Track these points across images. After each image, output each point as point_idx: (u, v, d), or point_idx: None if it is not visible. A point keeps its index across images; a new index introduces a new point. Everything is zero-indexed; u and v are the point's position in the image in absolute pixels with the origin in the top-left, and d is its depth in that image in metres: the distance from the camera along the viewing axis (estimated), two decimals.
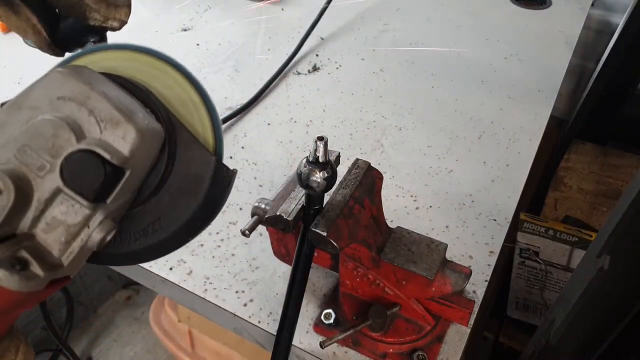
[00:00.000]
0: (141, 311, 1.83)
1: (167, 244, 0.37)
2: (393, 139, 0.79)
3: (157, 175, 0.35)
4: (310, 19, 1.00)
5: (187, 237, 0.37)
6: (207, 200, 0.36)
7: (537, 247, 0.94)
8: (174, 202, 0.36)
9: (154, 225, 0.36)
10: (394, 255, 0.48)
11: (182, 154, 0.36)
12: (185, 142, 0.36)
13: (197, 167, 0.36)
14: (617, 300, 0.42)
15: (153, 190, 0.36)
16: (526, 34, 1.04)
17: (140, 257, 0.38)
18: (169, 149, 0.35)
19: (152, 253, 0.37)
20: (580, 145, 1.21)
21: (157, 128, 0.34)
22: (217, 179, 0.36)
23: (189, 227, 0.36)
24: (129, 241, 0.37)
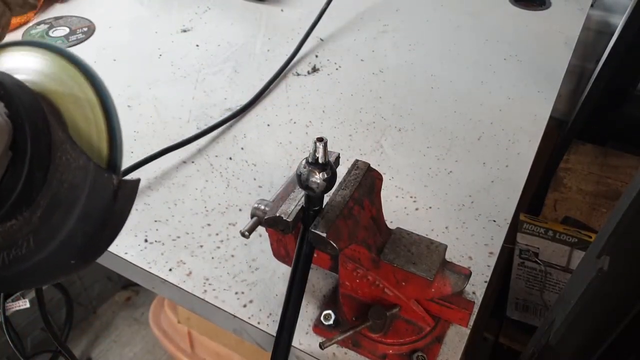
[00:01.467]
0: (141, 312, 1.83)
1: (45, 269, 0.31)
2: (393, 140, 0.79)
3: (16, 181, 0.30)
4: (309, 19, 1.00)
5: (70, 259, 0.31)
6: (87, 215, 0.30)
7: (536, 248, 0.94)
8: (48, 215, 0.30)
9: (27, 244, 0.31)
10: (393, 256, 0.48)
11: (58, 158, 0.30)
12: (60, 144, 0.30)
13: (73, 174, 0.30)
14: (616, 301, 0.42)
15: (22, 201, 0.30)
16: (526, 34, 1.04)
17: (16, 283, 0.32)
18: (35, 151, 0.30)
19: (31, 279, 0.32)
20: (580, 145, 1.21)
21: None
22: (100, 190, 0.30)
23: (68, 246, 0.31)
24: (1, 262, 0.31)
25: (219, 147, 0.78)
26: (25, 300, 1.42)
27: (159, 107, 0.86)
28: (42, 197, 0.30)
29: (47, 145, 0.30)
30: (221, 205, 0.69)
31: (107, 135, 0.32)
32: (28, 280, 0.32)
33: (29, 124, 0.30)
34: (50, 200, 0.30)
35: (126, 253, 0.63)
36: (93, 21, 1.07)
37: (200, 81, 0.92)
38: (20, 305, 1.39)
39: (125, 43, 1.02)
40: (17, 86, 0.31)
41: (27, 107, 0.30)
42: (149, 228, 0.66)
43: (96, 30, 1.05)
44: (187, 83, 0.91)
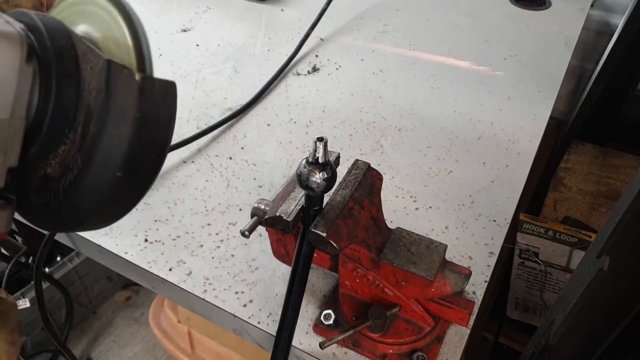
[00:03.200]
0: (141, 312, 1.83)
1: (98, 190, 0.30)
2: (393, 140, 0.79)
3: (48, 98, 0.30)
4: (309, 19, 1.00)
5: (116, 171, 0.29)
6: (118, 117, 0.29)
7: (536, 248, 0.94)
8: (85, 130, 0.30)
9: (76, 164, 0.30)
10: (393, 256, 0.48)
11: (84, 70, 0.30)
12: (84, 55, 0.30)
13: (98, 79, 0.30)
14: (616, 301, 0.42)
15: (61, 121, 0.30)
16: (526, 34, 1.04)
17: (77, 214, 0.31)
18: (59, 65, 0.30)
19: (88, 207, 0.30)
20: (580, 145, 1.21)
21: (5, 30, 0.29)
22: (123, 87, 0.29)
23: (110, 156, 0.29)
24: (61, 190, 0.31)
25: (219, 147, 0.78)
26: (26, 300, 1.42)
27: None
28: (79, 113, 0.30)
29: (72, 59, 0.30)
30: (221, 205, 0.69)
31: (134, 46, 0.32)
32: (87, 209, 0.31)
33: (51, 39, 0.30)
34: (86, 113, 0.30)
35: (126, 252, 0.63)
36: None
37: (201, 81, 0.92)
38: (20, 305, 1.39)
39: None
40: (39, 15, 0.31)
41: (50, 26, 0.30)
42: (149, 228, 0.66)
43: None
44: (187, 83, 0.91)
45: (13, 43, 0.29)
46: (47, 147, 0.31)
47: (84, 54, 0.30)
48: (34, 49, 0.30)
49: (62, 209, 0.31)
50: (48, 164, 0.31)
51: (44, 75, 0.30)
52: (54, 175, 0.31)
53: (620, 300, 0.42)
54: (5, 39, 0.29)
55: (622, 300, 0.41)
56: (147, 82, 0.29)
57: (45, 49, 0.30)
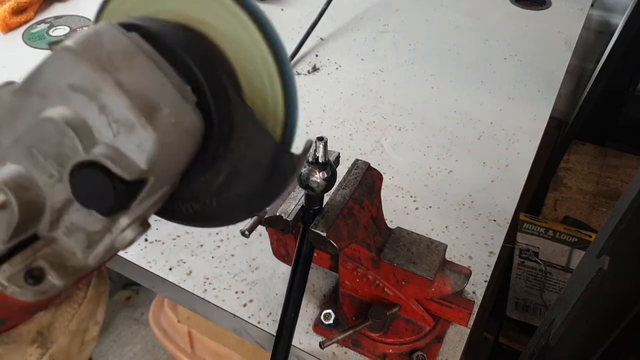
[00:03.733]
0: (141, 312, 1.83)
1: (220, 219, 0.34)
2: (393, 140, 0.79)
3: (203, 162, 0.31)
4: (310, 19, 1.00)
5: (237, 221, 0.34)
6: (266, 189, 0.31)
7: (536, 248, 0.94)
8: (228, 184, 0.32)
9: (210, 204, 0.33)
10: (393, 256, 0.48)
11: (239, 132, 0.30)
12: (243, 120, 0.30)
13: (255, 152, 0.30)
14: (616, 301, 0.42)
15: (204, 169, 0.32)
16: (526, 34, 1.04)
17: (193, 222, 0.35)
18: (219, 132, 0.30)
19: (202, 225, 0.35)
20: (580, 145, 1.21)
21: (189, 124, 0.28)
22: (280, 169, 0.30)
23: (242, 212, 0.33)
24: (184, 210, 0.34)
25: None
26: None
27: None
28: (223, 165, 0.31)
29: (229, 124, 0.30)
30: None
31: (284, 111, 0.31)
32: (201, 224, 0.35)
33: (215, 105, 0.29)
34: (232, 170, 0.31)
35: (126, 252, 0.63)
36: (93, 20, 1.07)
37: None
38: None
39: None
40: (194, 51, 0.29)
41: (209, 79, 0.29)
42: None
43: None
44: None
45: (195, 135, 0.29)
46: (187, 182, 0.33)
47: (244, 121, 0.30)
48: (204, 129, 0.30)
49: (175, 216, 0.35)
50: None
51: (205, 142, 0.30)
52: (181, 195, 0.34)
53: (620, 300, 0.42)
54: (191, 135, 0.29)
55: (622, 300, 0.41)
56: (300, 162, 0.31)
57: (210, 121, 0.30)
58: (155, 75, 0.27)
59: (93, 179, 0.26)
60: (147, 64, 0.27)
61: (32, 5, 1.06)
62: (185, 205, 0.34)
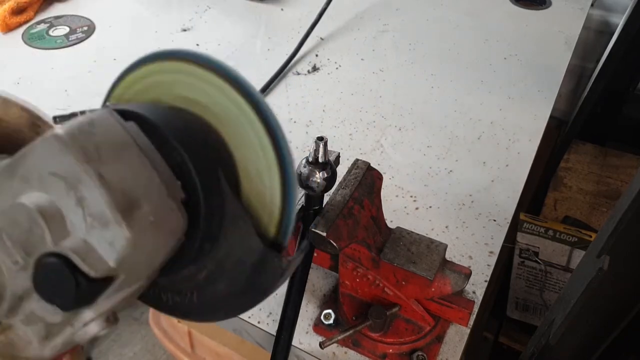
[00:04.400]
0: (140, 311, 1.83)
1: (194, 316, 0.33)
2: (393, 139, 0.79)
3: (187, 255, 0.30)
4: (310, 19, 1.00)
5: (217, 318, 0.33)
6: (249, 289, 0.30)
7: (536, 248, 0.94)
8: (212, 280, 0.31)
9: (191, 296, 0.32)
10: (393, 256, 0.48)
11: (228, 230, 0.29)
12: (234, 219, 0.29)
13: (242, 251, 0.29)
14: (616, 301, 0.42)
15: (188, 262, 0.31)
16: (526, 34, 1.04)
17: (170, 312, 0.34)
18: (207, 228, 0.29)
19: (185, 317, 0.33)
20: (580, 145, 1.21)
21: (168, 224, 0.27)
22: (267, 271, 0.30)
23: (223, 308, 0.32)
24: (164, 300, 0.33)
25: None
26: None
27: None
28: (208, 261, 0.30)
29: (219, 221, 0.29)
30: None
31: (280, 210, 0.30)
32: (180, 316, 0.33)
33: (205, 202, 0.28)
34: (216, 267, 0.30)
35: None
36: (93, 20, 1.07)
37: None
38: None
39: (125, 42, 1.01)
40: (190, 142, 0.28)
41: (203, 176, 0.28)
42: None
43: (96, 30, 1.04)
44: None
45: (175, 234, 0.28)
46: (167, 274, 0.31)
47: (235, 219, 0.29)
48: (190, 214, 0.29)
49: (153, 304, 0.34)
50: None
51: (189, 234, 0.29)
52: (161, 284, 0.32)
53: (620, 300, 0.42)
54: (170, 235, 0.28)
55: (622, 300, 0.41)
56: (290, 266, 0.30)
57: (197, 212, 0.29)
58: (143, 170, 0.26)
59: (56, 272, 0.25)
60: (137, 158, 0.26)
61: (32, 5, 1.06)
62: (166, 295, 0.33)
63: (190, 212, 0.29)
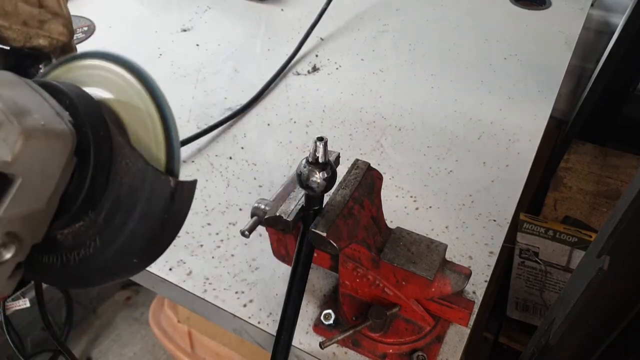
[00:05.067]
0: (140, 312, 1.83)
1: (111, 267, 0.33)
2: (393, 140, 0.79)
3: (81, 185, 0.32)
4: (310, 19, 1.00)
5: (133, 258, 0.33)
6: (147, 216, 0.31)
7: (536, 248, 0.94)
8: (111, 217, 0.32)
9: (94, 244, 0.33)
10: (393, 256, 0.48)
11: (118, 163, 0.32)
12: (120, 149, 0.32)
13: (132, 177, 0.31)
14: (616, 301, 0.42)
15: (87, 204, 0.32)
16: (526, 34, 1.04)
17: (85, 280, 0.34)
18: (97, 156, 0.32)
19: (99, 276, 0.34)
20: (580, 145, 1.21)
21: (57, 129, 0.30)
22: (158, 192, 0.31)
23: (131, 246, 0.32)
24: (70, 261, 0.33)
25: (219, 147, 0.78)
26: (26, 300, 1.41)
27: None
28: (106, 199, 0.32)
29: (108, 151, 0.32)
30: (221, 205, 0.69)
31: (165, 143, 0.33)
32: (96, 277, 0.34)
33: (92, 131, 0.32)
34: (113, 202, 0.32)
35: None
36: (93, 21, 1.07)
37: (200, 81, 0.92)
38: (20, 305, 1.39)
39: (125, 42, 1.01)
40: (81, 97, 0.33)
41: (91, 116, 0.32)
42: None
43: (96, 30, 1.05)
44: (187, 82, 0.91)
45: (65, 142, 0.30)
46: (66, 223, 0.33)
47: (120, 148, 0.32)
48: (79, 143, 0.32)
49: (70, 275, 0.34)
50: (60, 232, 0.33)
51: (82, 167, 0.32)
52: (65, 244, 0.33)
53: (620, 300, 0.42)
54: (60, 139, 0.30)
55: (622, 300, 0.41)
56: (179, 188, 0.32)
57: (87, 142, 0.32)
58: (34, 96, 0.31)
59: None
60: (29, 89, 0.31)
61: None
62: (73, 254, 0.34)
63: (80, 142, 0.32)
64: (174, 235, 0.34)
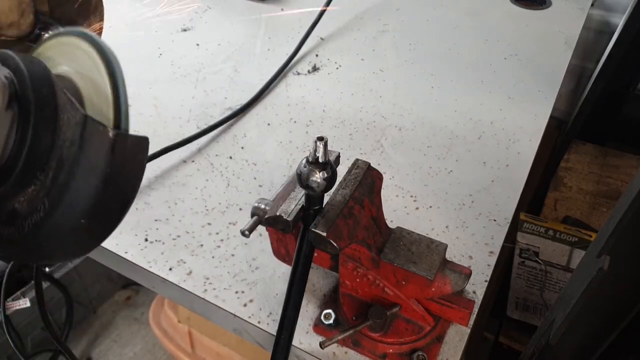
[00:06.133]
0: (141, 311, 1.83)
1: (62, 232, 0.32)
2: (393, 139, 0.79)
3: (23, 144, 0.31)
4: (310, 19, 1.00)
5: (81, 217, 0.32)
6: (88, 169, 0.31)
7: (537, 248, 0.94)
8: (56, 175, 0.31)
9: (43, 206, 0.31)
10: (393, 256, 0.48)
11: (61, 119, 0.31)
12: (63, 105, 0.32)
13: (73, 131, 0.31)
14: (616, 301, 0.42)
15: (33, 165, 0.31)
16: (526, 34, 1.04)
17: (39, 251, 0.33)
18: (39, 113, 0.31)
19: (52, 245, 0.33)
20: (580, 145, 1.21)
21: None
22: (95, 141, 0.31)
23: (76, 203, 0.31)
24: (26, 228, 0.32)
25: (219, 147, 0.78)
26: (26, 300, 1.42)
27: (159, 106, 0.86)
28: (52, 159, 0.31)
29: (52, 109, 0.31)
30: (221, 205, 0.69)
31: (113, 100, 0.33)
32: (48, 247, 0.33)
33: (34, 88, 0.31)
34: (58, 161, 0.31)
35: (126, 252, 0.63)
36: None
37: (201, 80, 0.92)
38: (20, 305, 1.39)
39: (125, 42, 1.01)
40: (29, 62, 0.32)
41: (34, 74, 0.31)
42: (149, 227, 0.66)
43: None
44: (187, 82, 0.91)
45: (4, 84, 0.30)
46: (17, 186, 0.32)
47: (64, 104, 0.32)
48: (16, 95, 0.31)
49: (25, 245, 0.33)
50: (17, 200, 0.33)
51: (22, 121, 0.31)
52: (21, 212, 0.33)
53: (620, 300, 0.42)
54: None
55: (622, 300, 0.41)
56: (120, 139, 0.31)
57: (26, 96, 0.31)
58: None
59: None
60: None
61: None
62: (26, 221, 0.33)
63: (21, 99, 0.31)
64: (125, 199, 0.33)
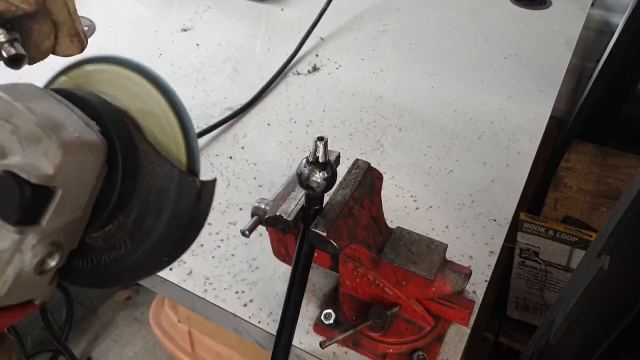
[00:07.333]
0: (141, 311, 1.83)
1: (141, 267, 0.34)
2: (393, 139, 0.79)
3: (112, 191, 0.33)
4: (310, 19, 1.00)
5: (163, 257, 0.34)
6: (176, 217, 0.33)
7: (537, 247, 0.94)
8: (140, 219, 0.33)
9: (125, 246, 0.34)
10: (393, 256, 0.48)
11: (144, 167, 0.33)
12: (146, 154, 0.33)
13: (160, 180, 0.33)
14: (617, 301, 0.42)
15: (116, 208, 0.33)
16: (526, 34, 1.04)
17: (117, 280, 0.35)
18: (125, 162, 0.33)
19: (129, 275, 0.35)
20: (580, 145, 1.21)
21: (91, 140, 0.31)
22: (185, 193, 0.33)
23: (161, 246, 0.33)
24: (103, 263, 0.35)
25: (219, 147, 0.78)
26: None
27: None
28: (134, 203, 0.33)
29: (134, 157, 0.33)
30: (221, 205, 0.69)
31: (185, 145, 0.34)
32: (127, 277, 0.35)
33: (119, 139, 0.33)
34: (142, 205, 0.33)
35: None
36: (93, 20, 1.07)
37: (201, 80, 0.92)
38: None
39: (125, 42, 1.01)
40: (103, 104, 0.34)
41: (115, 124, 0.33)
42: None
43: (96, 30, 1.05)
44: (187, 82, 0.91)
45: (98, 151, 0.32)
46: (97, 227, 0.34)
47: (147, 154, 0.33)
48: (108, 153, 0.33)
49: (101, 275, 0.35)
50: (89, 236, 0.35)
51: (111, 173, 0.33)
52: (95, 247, 0.35)
53: (620, 300, 0.42)
54: (94, 149, 0.32)
55: (622, 300, 0.41)
56: (204, 188, 0.34)
57: (115, 151, 0.33)
58: (62, 108, 0.32)
59: (4, 183, 0.28)
60: (56, 101, 0.32)
61: None
62: (103, 256, 0.35)
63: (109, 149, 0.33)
64: (199, 231, 0.35)
